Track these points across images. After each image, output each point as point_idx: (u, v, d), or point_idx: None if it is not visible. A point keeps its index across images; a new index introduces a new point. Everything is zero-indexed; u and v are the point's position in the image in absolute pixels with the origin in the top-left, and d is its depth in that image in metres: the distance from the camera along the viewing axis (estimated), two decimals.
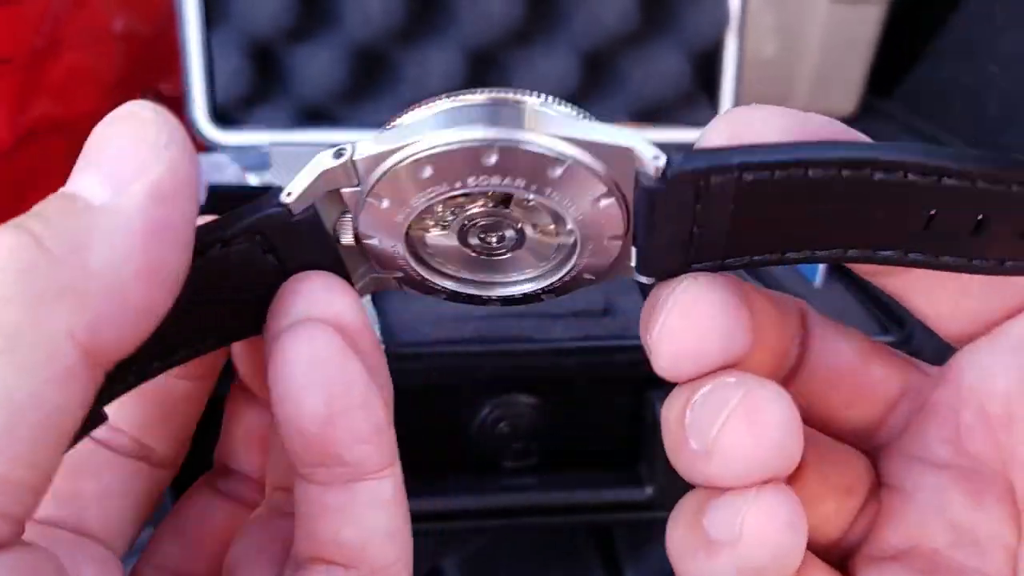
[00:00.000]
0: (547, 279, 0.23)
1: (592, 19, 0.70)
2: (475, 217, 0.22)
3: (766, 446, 0.19)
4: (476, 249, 0.23)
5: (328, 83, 0.69)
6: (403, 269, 0.23)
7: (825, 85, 1.18)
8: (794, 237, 0.22)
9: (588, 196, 0.21)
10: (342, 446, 0.21)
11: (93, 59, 0.71)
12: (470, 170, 0.20)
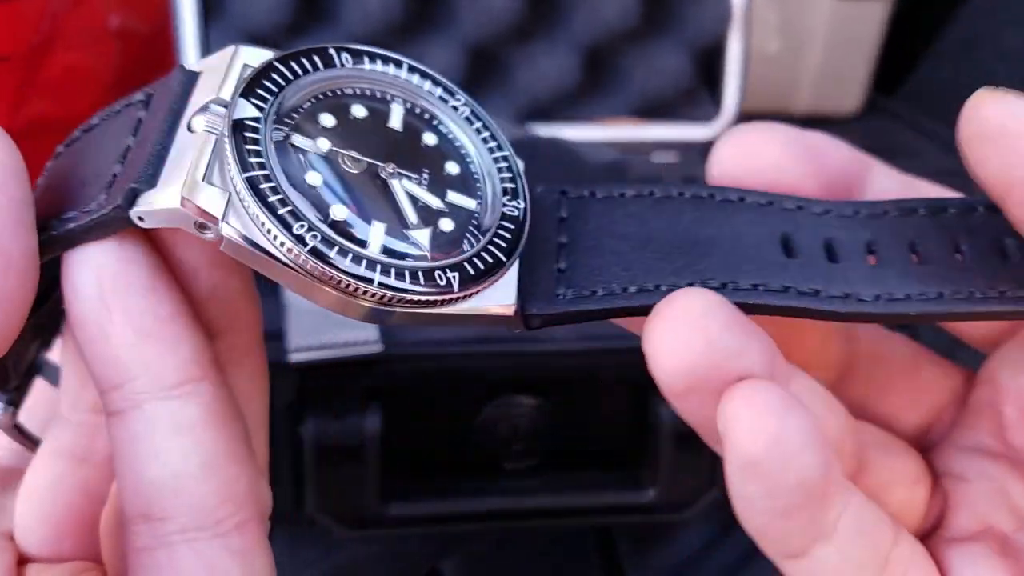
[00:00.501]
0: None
1: (593, 15, 0.70)
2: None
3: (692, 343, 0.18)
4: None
5: None
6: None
7: (829, 83, 1.17)
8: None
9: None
10: (120, 347, 0.19)
11: (90, 57, 0.71)
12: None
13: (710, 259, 0.22)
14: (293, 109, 0.22)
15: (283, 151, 0.21)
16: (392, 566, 0.47)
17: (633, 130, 0.74)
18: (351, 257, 0.20)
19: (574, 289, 0.22)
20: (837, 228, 0.24)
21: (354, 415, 0.41)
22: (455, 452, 0.46)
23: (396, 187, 0.22)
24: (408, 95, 0.24)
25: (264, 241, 0.19)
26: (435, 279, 0.20)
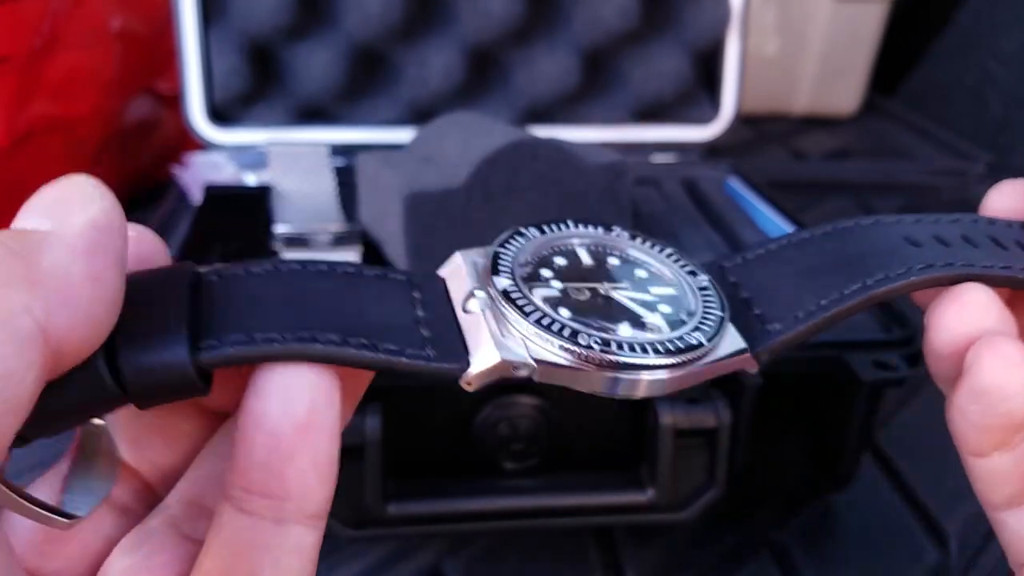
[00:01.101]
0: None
1: (592, 17, 0.70)
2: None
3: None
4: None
5: (326, 82, 0.69)
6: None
7: (828, 83, 1.18)
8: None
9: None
10: (294, 473, 0.21)
11: (91, 58, 0.71)
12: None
13: (869, 263, 0.29)
14: (524, 271, 0.27)
15: (539, 300, 0.26)
16: (393, 565, 0.47)
17: (632, 132, 0.74)
18: (627, 347, 0.25)
19: (779, 322, 0.27)
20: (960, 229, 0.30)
21: (354, 416, 0.41)
22: (455, 452, 0.46)
23: (619, 296, 0.27)
24: (586, 238, 0.30)
25: (563, 359, 0.24)
26: (690, 343, 0.25)
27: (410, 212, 0.47)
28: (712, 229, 0.61)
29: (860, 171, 1.04)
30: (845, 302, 0.27)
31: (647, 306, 0.27)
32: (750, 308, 0.28)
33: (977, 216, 0.30)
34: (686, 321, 0.26)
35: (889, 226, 0.30)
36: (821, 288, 0.28)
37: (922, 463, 0.55)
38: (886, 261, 0.28)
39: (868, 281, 0.27)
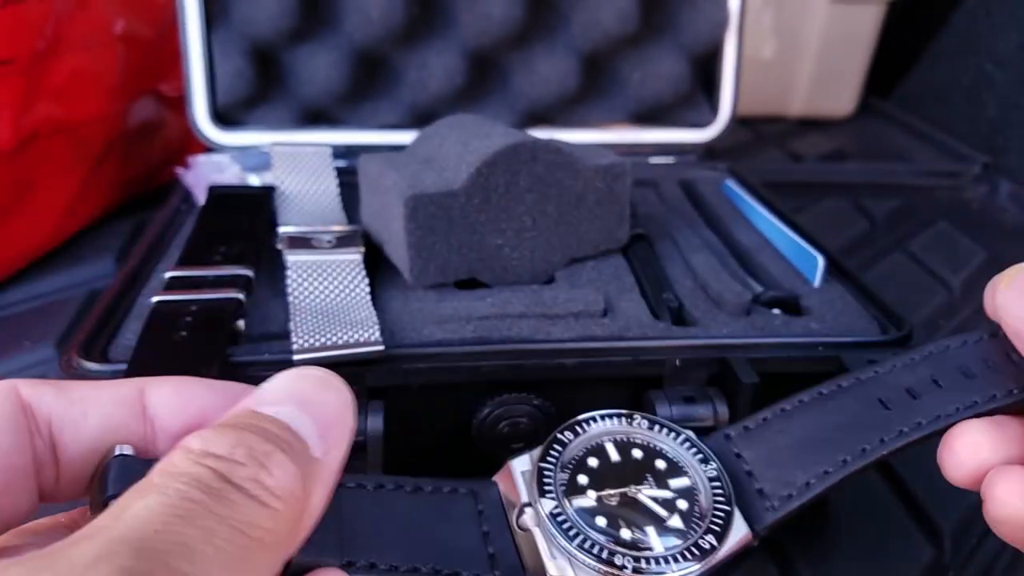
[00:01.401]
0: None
1: (591, 21, 0.70)
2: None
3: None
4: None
5: (328, 84, 0.69)
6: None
7: (824, 86, 1.18)
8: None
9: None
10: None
11: (95, 61, 0.72)
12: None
13: (849, 435, 0.33)
14: (563, 483, 0.32)
15: (578, 512, 0.31)
16: None
17: (631, 134, 0.75)
18: (652, 562, 0.29)
19: (776, 500, 0.32)
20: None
21: (357, 415, 0.42)
22: (456, 450, 0.47)
23: (643, 499, 0.31)
24: (613, 433, 0.34)
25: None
26: (702, 548, 0.30)
27: (411, 214, 0.47)
28: (710, 230, 0.61)
29: (856, 172, 1.04)
30: (829, 480, 0.32)
31: (667, 506, 0.31)
32: (753, 481, 0.33)
33: (945, 345, 0.35)
34: (699, 517, 0.31)
35: (866, 386, 0.34)
36: (809, 464, 0.32)
37: (917, 461, 0.55)
38: (863, 432, 0.33)
39: (848, 458, 0.32)
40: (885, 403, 0.33)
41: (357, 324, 0.44)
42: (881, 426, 0.33)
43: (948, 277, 0.80)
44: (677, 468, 0.33)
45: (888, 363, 0.35)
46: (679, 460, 0.33)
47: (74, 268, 0.74)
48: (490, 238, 0.50)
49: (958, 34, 1.13)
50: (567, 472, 0.32)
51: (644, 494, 0.32)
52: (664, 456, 0.33)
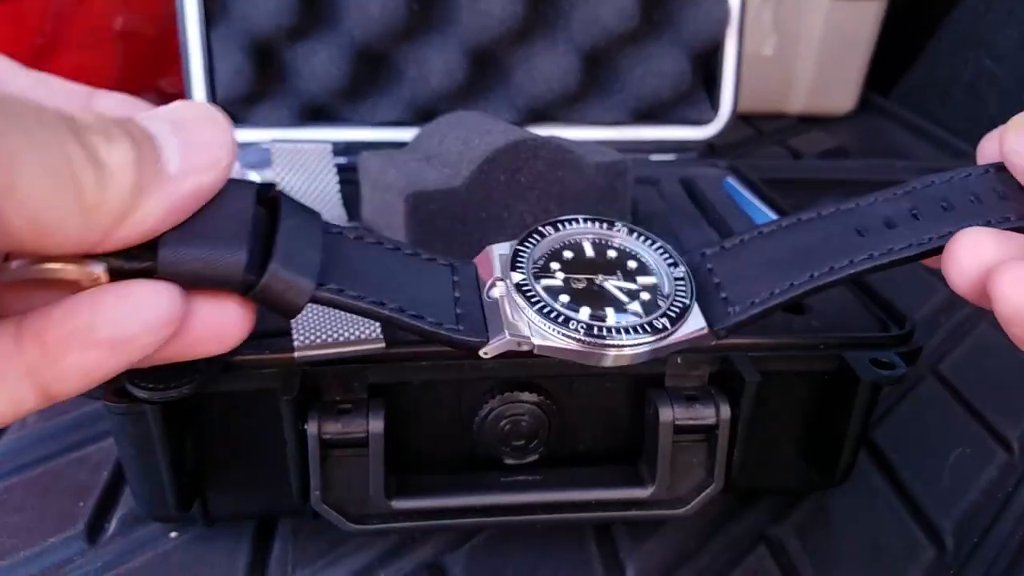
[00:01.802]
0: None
1: (592, 18, 0.70)
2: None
3: None
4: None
5: (328, 81, 0.69)
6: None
7: (824, 83, 1.18)
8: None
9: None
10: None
11: (94, 58, 0.72)
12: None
13: (820, 255, 0.34)
14: (536, 265, 0.35)
15: (544, 289, 0.33)
16: (394, 560, 0.47)
17: (631, 131, 0.75)
18: (605, 331, 0.32)
19: (739, 305, 0.34)
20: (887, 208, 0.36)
21: (358, 412, 0.41)
22: (457, 448, 0.47)
23: (608, 287, 0.35)
24: (592, 234, 0.37)
25: (559, 342, 0.33)
26: (655, 327, 0.33)
27: (412, 211, 0.47)
28: (710, 227, 0.61)
29: (857, 169, 1.04)
30: (794, 291, 0.34)
31: (630, 294, 0.34)
32: (719, 291, 0.35)
33: (932, 179, 0.37)
34: (660, 307, 0.34)
35: (844, 215, 0.36)
36: (777, 278, 0.34)
37: (918, 460, 0.56)
38: (834, 253, 0.34)
39: (815, 273, 0.34)
40: (860, 231, 0.35)
41: (358, 321, 0.44)
42: (852, 249, 0.34)
43: None
44: (646, 268, 0.36)
45: (870, 196, 0.36)
46: (650, 263, 0.36)
47: None
48: (491, 235, 0.50)
49: (958, 30, 1.13)
50: (542, 259, 0.35)
51: (610, 283, 0.35)
52: (636, 258, 0.36)
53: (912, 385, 0.64)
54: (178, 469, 0.41)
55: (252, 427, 0.43)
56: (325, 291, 0.30)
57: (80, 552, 0.47)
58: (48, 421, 0.56)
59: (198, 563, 0.46)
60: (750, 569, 0.47)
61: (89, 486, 0.51)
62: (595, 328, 0.32)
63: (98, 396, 0.40)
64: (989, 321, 0.72)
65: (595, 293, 0.34)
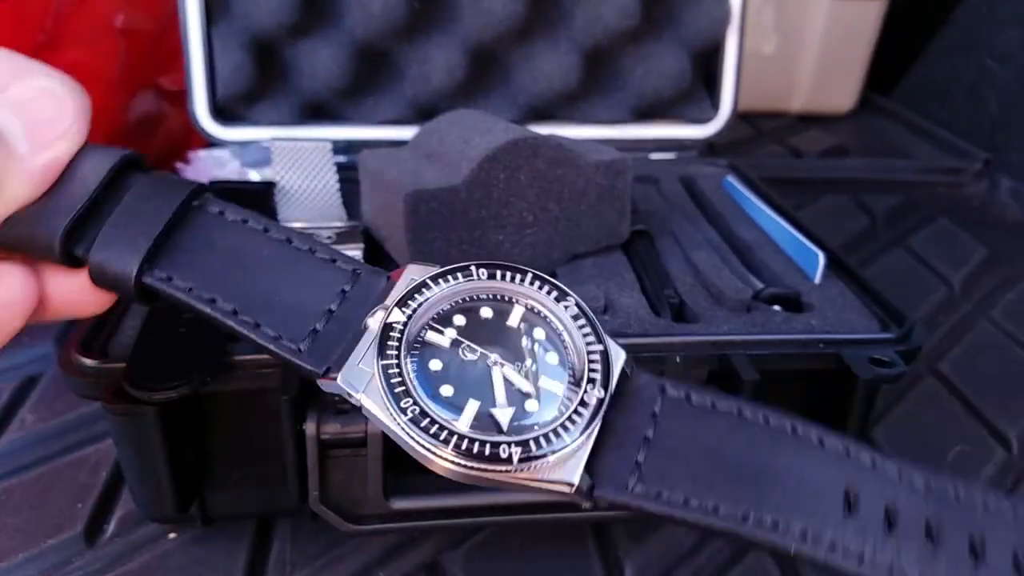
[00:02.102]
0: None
1: (593, 16, 0.70)
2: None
3: None
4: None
5: (329, 79, 0.69)
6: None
7: (825, 82, 1.18)
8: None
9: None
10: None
11: (95, 55, 0.71)
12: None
13: (772, 494, 0.26)
14: (437, 313, 0.29)
15: (421, 344, 0.28)
16: (393, 559, 0.47)
17: (632, 130, 0.74)
18: (437, 429, 0.26)
19: (643, 485, 0.27)
20: (902, 496, 0.27)
21: (357, 412, 0.41)
22: None
23: (495, 373, 0.28)
24: (528, 299, 0.31)
25: (383, 417, 0.27)
26: (498, 453, 0.26)
27: (411, 210, 0.47)
28: (710, 226, 0.61)
29: (857, 169, 1.04)
30: (702, 521, 0.26)
31: (516, 396, 0.28)
32: (639, 449, 0.28)
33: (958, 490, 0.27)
34: (531, 427, 0.27)
35: (838, 461, 0.28)
36: (710, 487, 0.27)
37: (917, 458, 0.55)
38: (790, 510, 0.27)
39: (748, 519, 0.26)
40: (851, 502, 0.27)
41: None
42: (821, 520, 0.26)
43: (949, 274, 0.80)
44: (561, 370, 0.29)
45: (894, 464, 0.29)
46: (562, 371, 0.29)
47: None
48: (491, 234, 0.50)
49: (959, 30, 1.13)
50: (451, 305, 0.30)
51: (502, 371, 0.29)
52: (559, 349, 0.30)
53: (911, 383, 0.64)
54: (177, 470, 0.41)
55: (251, 428, 0.43)
56: (149, 277, 0.29)
57: (79, 553, 0.47)
58: (47, 422, 0.56)
59: (197, 564, 0.46)
60: (749, 568, 0.47)
61: (88, 487, 0.51)
62: (428, 422, 0.27)
63: (97, 397, 0.40)
64: (988, 320, 0.72)
65: (476, 376, 0.28)
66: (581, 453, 0.27)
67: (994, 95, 1.04)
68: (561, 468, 0.27)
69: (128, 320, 0.45)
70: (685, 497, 0.26)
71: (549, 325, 0.30)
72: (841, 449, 0.27)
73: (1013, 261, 0.84)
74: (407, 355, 0.28)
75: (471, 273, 0.31)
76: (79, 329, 0.43)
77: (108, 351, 0.43)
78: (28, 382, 0.60)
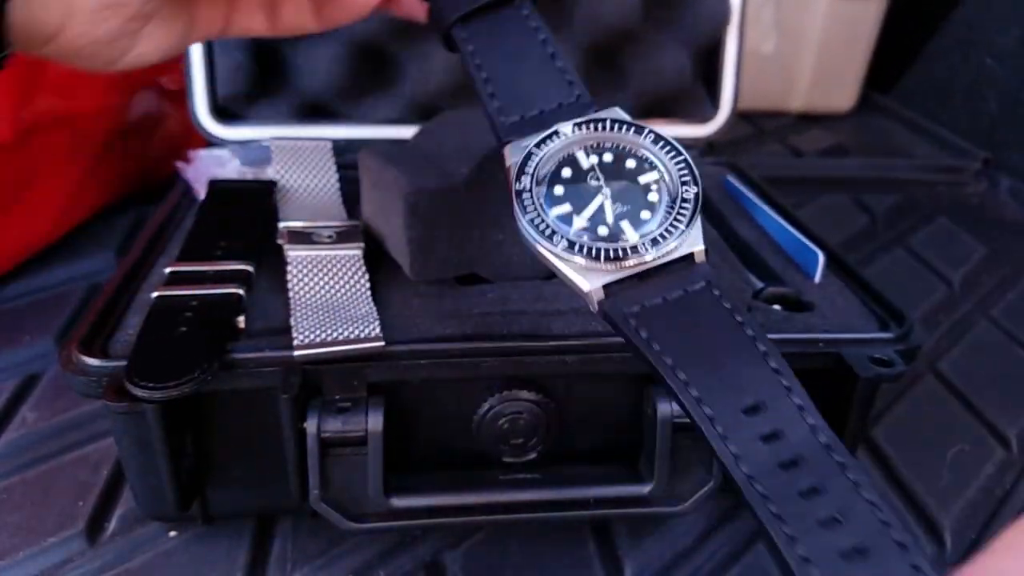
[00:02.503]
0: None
1: (594, 15, 0.70)
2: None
3: None
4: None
5: (328, 79, 0.69)
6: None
7: (824, 81, 1.18)
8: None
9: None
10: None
11: None
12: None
13: (711, 380, 0.31)
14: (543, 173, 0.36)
15: (550, 182, 0.36)
16: (393, 557, 0.47)
17: None
18: (563, 244, 0.33)
19: (636, 321, 0.32)
20: (791, 429, 0.31)
21: (357, 410, 0.42)
22: (456, 446, 0.47)
23: (603, 193, 0.35)
24: (617, 141, 0.37)
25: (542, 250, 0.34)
26: (627, 254, 0.33)
27: (411, 209, 0.47)
28: (710, 225, 0.61)
29: (857, 168, 1.04)
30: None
31: (621, 213, 0.35)
32: (656, 298, 0.33)
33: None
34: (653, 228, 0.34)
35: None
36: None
37: (917, 457, 0.56)
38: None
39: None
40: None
41: (358, 319, 0.44)
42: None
43: (948, 273, 0.80)
44: (656, 185, 0.36)
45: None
46: (662, 174, 0.36)
47: (74, 262, 0.74)
48: (491, 233, 0.50)
49: (959, 29, 1.13)
50: (551, 166, 0.36)
51: (605, 192, 0.36)
52: (650, 169, 0.36)
53: (911, 383, 0.64)
54: (178, 468, 0.41)
55: (251, 426, 0.43)
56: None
57: (80, 551, 0.47)
58: (48, 421, 0.56)
59: (197, 562, 0.46)
60: (748, 566, 0.47)
61: (89, 485, 0.51)
62: (559, 233, 0.34)
63: (98, 395, 0.40)
64: (988, 319, 0.72)
65: (589, 196, 0.35)
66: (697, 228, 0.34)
67: (994, 94, 1.04)
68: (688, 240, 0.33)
69: (129, 319, 0.45)
70: (657, 342, 0.31)
71: (633, 155, 0.37)
72: (773, 377, 0.31)
73: (1012, 260, 0.84)
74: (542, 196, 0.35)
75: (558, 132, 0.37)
76: (80, 327, 0.44)
77: (109, 350, 0.43)
78: (29, 380, 0.60)
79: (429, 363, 0.43)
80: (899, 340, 0.46)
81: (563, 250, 0.33)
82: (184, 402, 0.40)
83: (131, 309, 0.46)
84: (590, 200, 0.35)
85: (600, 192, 0.35)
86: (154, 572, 0.45)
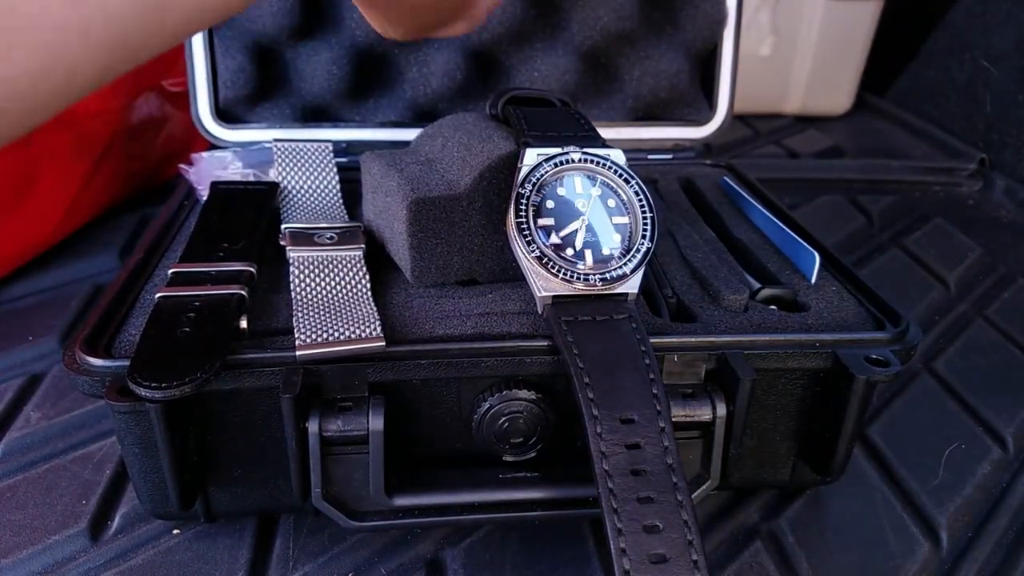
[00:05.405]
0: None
1: (591, 19, 0.70)
2: None
3: None
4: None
5: (330, 81, 0.69)
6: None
7: (821, 83, 1.19)
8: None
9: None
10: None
11: None
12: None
13: (607, 388, 0.39)
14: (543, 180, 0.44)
15: (547, 195, 0.44)
16: (394, 555, 0.47)
17: (630, 131, 0.75)
18: (536, 253, 0.42)
19: (573, 336, 0.42)
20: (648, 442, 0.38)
21: (358, 410, 0.42)
22: (457, 445, 0.47)
23: (582, 220, 0.44)
24: (610, 180, 0.46)
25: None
26: (580, 279, 0.42)
27: (414, 217, 0.47)
28: (707, 226, 0.61)
29: (852, 169, 1.05)
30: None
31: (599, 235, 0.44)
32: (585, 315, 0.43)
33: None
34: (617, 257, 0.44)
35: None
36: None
37: (913, 456, 0.56)
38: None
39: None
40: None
41: (358, 320, 0.44)
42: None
43: (944, 273, 0.81)
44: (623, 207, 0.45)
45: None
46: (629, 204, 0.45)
47: (78, 263, 0.74)
48: (491, 240, 0.50)
49: (954, 31, 1.13)
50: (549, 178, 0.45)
51: (591, 214, 0.44)
52: (615, 192, 0.45)
53: (907, 382, 0.64)
54: (180, 467, 0.42)
55: (254, 425, 0.44)
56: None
57: (83, 549, 0.47)
58: (51, 420, 0.56)
59: (200, 560, 0.46)
60: (746, 564, 0.48)
61: (92, 484, 0.51)
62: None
63: (101, 395, 0.40)
64: (984, 318, 0.72)
65: (571, 214, 0.44)
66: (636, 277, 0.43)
67: (989, 95, 1.05)
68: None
69: (132, 319, 0.46)
70: (577, 348, 0.40)
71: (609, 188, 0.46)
72: (651, 401, 0.38)
73: (1008, 260, 0.84)
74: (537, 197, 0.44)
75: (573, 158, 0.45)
76: (84, 327, 0.44)
77: (112, 349, 0.43)
78: (33, 380, 0.60)
79: (429, 363, 0.44)
80: (895, 340, 0.47)
81: (534, 259, 0.42)
82: (187, 401, 0.40)
83: (134, 309, 0.47)
84: (570, 222, 0.44)
85: (580, 218, 0.44)
86: (157, 570, 0.46)
